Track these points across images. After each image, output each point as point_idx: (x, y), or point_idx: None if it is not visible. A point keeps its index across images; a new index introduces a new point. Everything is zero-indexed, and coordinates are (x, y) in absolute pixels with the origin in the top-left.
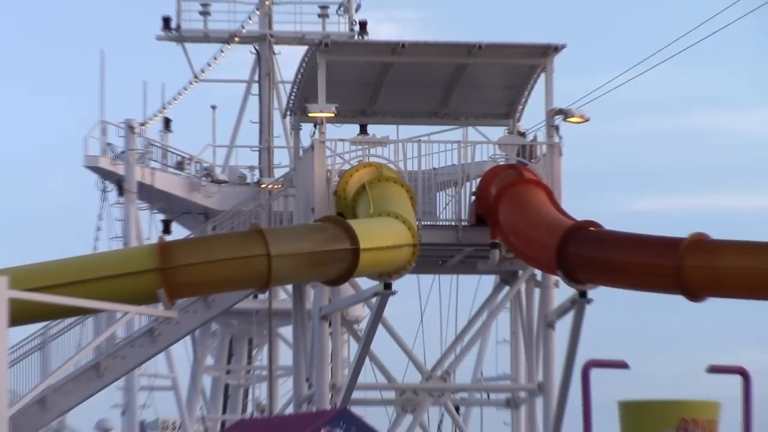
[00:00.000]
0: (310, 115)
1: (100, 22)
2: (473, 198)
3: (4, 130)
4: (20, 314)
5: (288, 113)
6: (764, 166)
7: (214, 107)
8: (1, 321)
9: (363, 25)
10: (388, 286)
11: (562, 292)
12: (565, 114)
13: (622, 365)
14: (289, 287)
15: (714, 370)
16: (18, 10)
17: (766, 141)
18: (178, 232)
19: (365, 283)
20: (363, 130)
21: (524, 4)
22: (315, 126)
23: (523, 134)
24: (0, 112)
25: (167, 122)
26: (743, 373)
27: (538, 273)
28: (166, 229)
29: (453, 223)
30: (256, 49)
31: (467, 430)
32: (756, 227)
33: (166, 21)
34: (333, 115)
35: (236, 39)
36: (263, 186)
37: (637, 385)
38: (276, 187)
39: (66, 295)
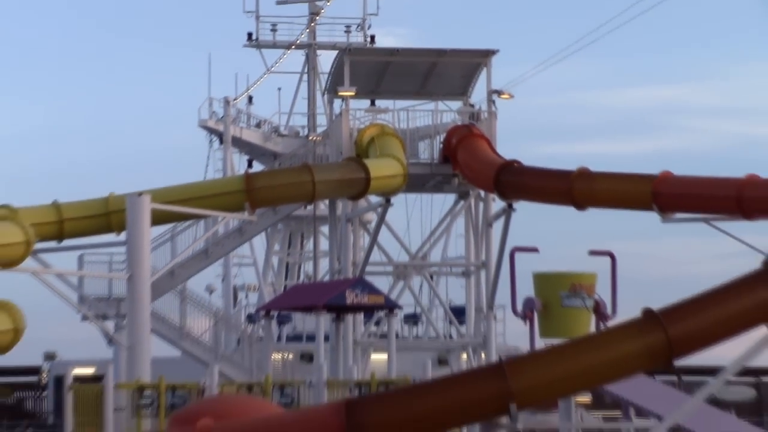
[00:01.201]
0: (339, 94)
1: (208, 36)
2: (441, 146)
3: (153, 103)
4: (158, 219)
5: (325, 93)
6: (625, 126)
7: (279, 89)
8: (146, 223)
9: (372, 37)
10: (388, 201)
11: (497, 204)
12: (499, 93)
13: (535, 250)
14: (327, 201)
15: (592, 253)
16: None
17: (630, 110)
18: (257, 167)
19: (374, 198)
20: (372, 103)
21: (475, 21)
22: (342, 101)
23: (472, 106)
24: (149, 91)
25: (250, 98)
26: (611, 256)
27: (482, 192)
28: (250, 165)
29: (429, 162)
30: (306, 53)
31: (438, 291)
32: (620, 163)
33: (249, 35)
34: (353, 94)
35: (293, 46)
36: (310, 138)
37: (544, 263)
38: (318, 138)
39: (187, 206)
